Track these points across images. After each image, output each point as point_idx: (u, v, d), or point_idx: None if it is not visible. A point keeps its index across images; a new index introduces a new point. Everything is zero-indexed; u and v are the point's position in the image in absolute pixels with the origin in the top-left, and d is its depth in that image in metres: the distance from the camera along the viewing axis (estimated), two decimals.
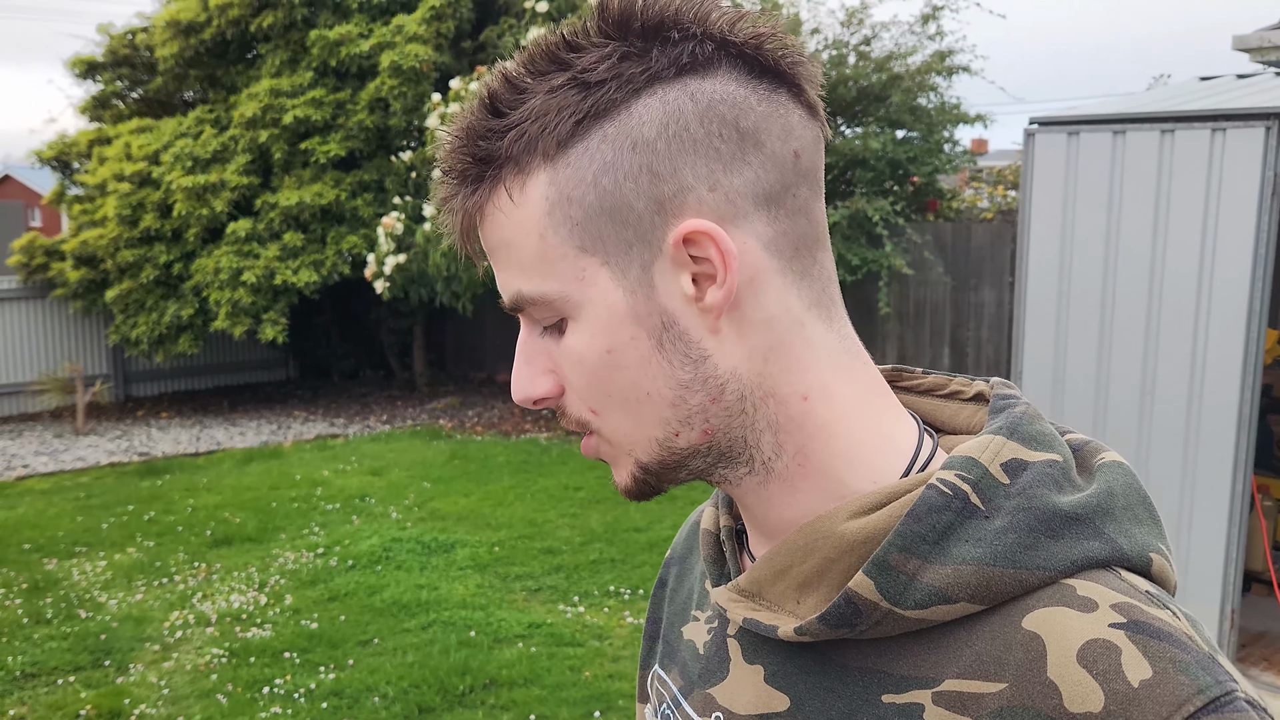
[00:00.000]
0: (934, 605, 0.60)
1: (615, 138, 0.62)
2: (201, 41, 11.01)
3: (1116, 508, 0.63)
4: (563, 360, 0.66)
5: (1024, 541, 0.60)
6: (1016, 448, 0.64)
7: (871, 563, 0.61)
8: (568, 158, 0.62)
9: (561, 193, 0.63)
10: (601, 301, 0.64)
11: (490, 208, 0.65)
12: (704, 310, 0.63)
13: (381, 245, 9.56)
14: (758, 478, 0.68)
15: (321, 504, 7.27)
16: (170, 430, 10.56)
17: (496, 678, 4.45)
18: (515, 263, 0.65)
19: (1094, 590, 0.59)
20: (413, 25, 10.18)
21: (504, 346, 12.82)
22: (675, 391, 0.64)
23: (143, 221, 10.57)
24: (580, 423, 0.68)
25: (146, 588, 5.71)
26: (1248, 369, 4.31)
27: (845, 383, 0.67)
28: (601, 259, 0.63)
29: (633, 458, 0.67)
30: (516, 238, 0.64)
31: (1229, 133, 4.20)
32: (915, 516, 0.61)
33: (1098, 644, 0.56)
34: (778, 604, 0.68)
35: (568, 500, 7.15)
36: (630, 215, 0.63)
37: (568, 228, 0.63)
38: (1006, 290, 8.86)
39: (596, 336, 0.64)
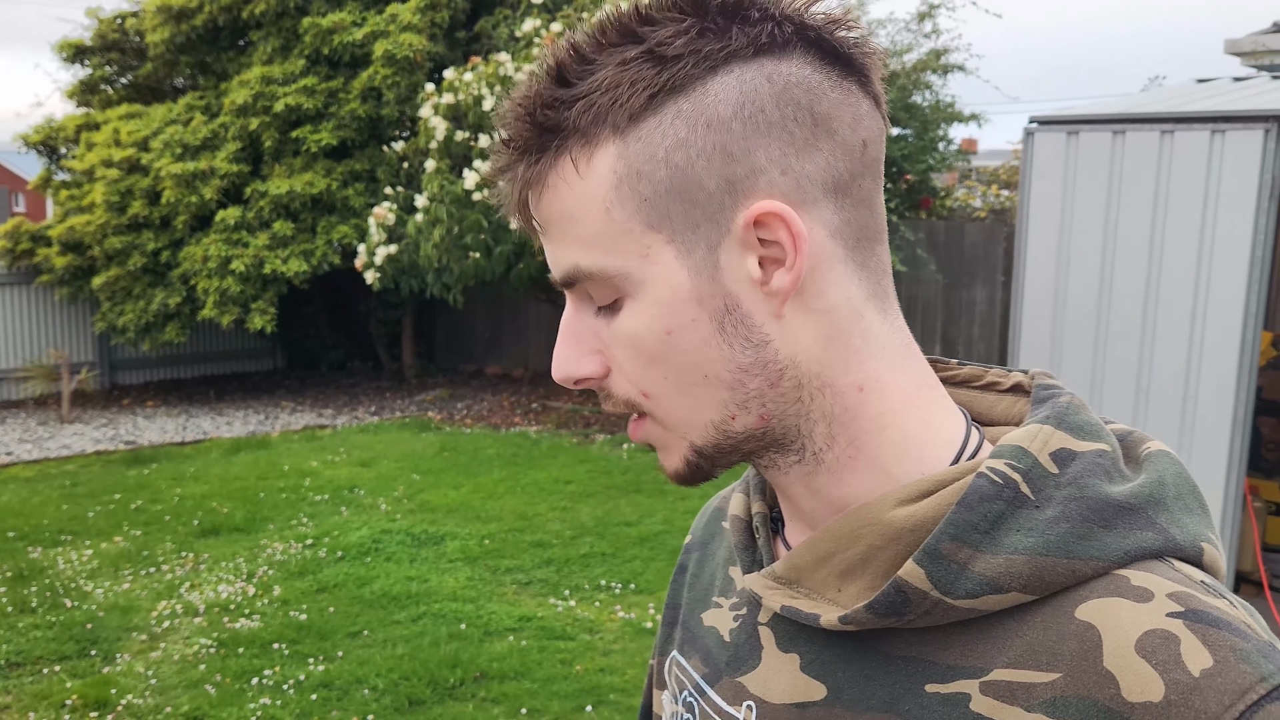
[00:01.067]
0: (985, 595, 0.59)
1: (690, 114, 0.61)
2: (193, 27, 10.93)
3: (1168, 497, 0.63)
4: (616, 341, 0.65)
5: (1077, 531, 0.59)
6: (1065, 437, 0.63)
7: (923, 551, 0.60)
8: (639, 131, 0.61)
9: (631, 167, 0.61)
10: (664, 281, 0.62)
11: (553, 179, 0.63)
12: (769, 294, 0.63)
13: (372, 235, 9.50)
14: (807, 467, 0.67)
15: (310, 495, 7.23)
16: (156, 419, 10.48)
17: (487, 670, 4.43)
18: (575, 236, 0.63)
19: (1149, 580, 0.58)
20: (407, 14, 10.13)
21: (494, 339, 12.78)
22: (734, 375, 0.63)
23: (131, 208, 10.48)
24: (629, 404, 0.66)
25: (133, 577, 5.67)
26: (1242, 371, 4.32)
27: (899, 375, 0.67)
28: (667, 237, 0.62)
29: (687, 441, 0.66)
30: (579, 211, 0.63)
31: (1228, 134, 4.20)
32: (967, 505, 0.60)
33: (1156, 634, 0.55)
34: (817, 591, 0.67)
35: (558, 493, 7.13)
36: (700, 194, 0.62)
37: (635, 203, 0.62)
38: (999, 289, 8.87)
39: (657, 317, 0.63)
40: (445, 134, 9.24)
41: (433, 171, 9.21)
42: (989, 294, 8.98)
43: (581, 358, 0.66)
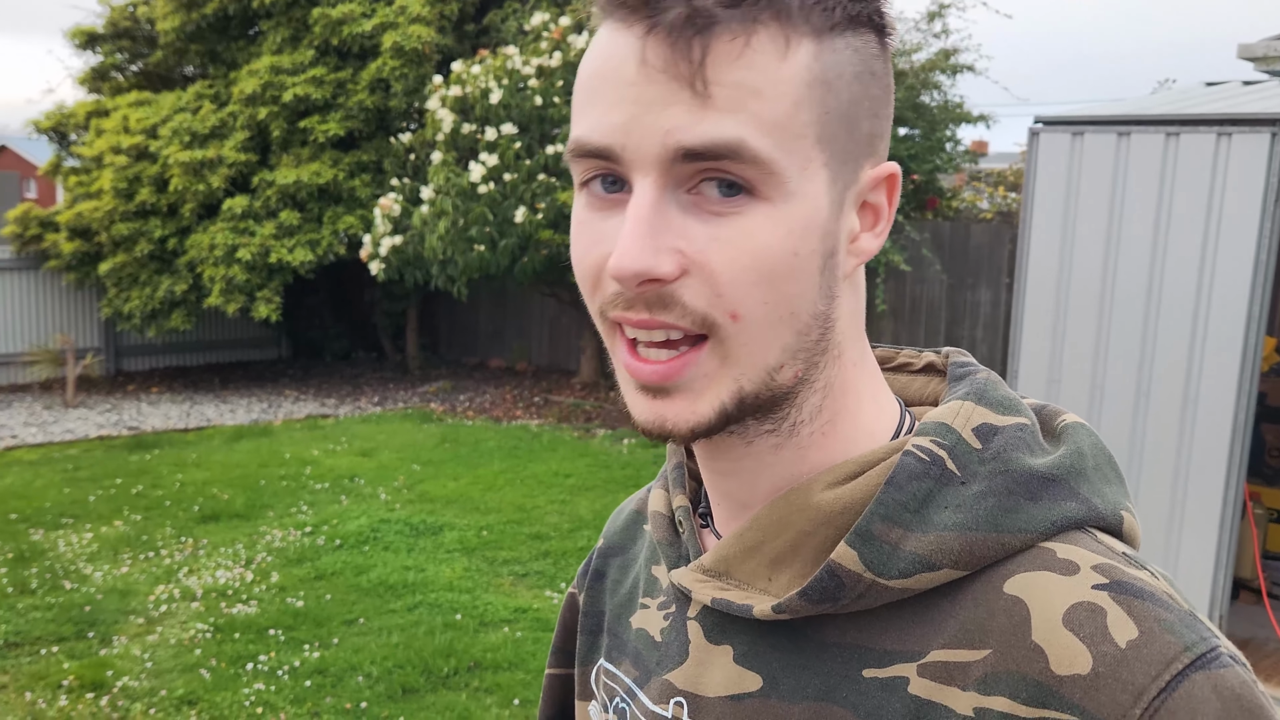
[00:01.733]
0: (918, 574, 0.59)
1: (863, 54, 0.61)
2: (203, 16, 10.95)
3: (1088, 468, 0.63)
4: (723, 244, 0.57)
5: (1003, 505, 0.59)
6: (985, 413, 0.64)
7: (854, 533, 0.60)
8: (835, 44, 0.59)
9: (825, 74, 0.58)
10: (811, 201, 0.58)
11: (760, 42, 0.56)
12: (852, 253, 0.63)
13: (378, 226, 9.51)
14: (778, 439, 0.64)
15: (310, 483, 7.24)
16: (160, 405, 10.51)
17: (481, 661, 4.44)
18: (753, 112, 0.56)
19: (1074, 553, 0.58)
20: (416, 6, 10.13)
21: (497, 332, 12.79)
22: (808, 320, 0.60)
23: (139, 195, 10.51)
24: (706, 322, 0.58)
25: (132, 561, 5.68)
26: (1244, 376, 4.31)
27: (867, 355, 0.68)
28: (826, 159, 0.59)
29: (738, 384, 0.59)
30: (771, 90, 0.56)
31: (1234, 137, 4.18)
32: (896, 484, 0.60)
33: (1083, 606, 0.55)
34: (748, 582, 0.65)
35: (557, 486, 7.14)
36: (857, 132, 0.61)
37: (818, 111, 0.58)
38: (1003, 291, 8.85)
39: (792, 234, 0.58)
40: (452, 126, 9.24)
41: (439, 164, 9.21)
42: (993, 295, 8.96)
43: (660, 252, 0.56)
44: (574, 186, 0.63)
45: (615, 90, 0.57)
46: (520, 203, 8.91)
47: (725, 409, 0.60)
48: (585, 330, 10.86)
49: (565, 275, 9.49)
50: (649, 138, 0.56)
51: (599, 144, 0.58)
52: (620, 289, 0.58)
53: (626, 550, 0.86)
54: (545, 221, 8.84)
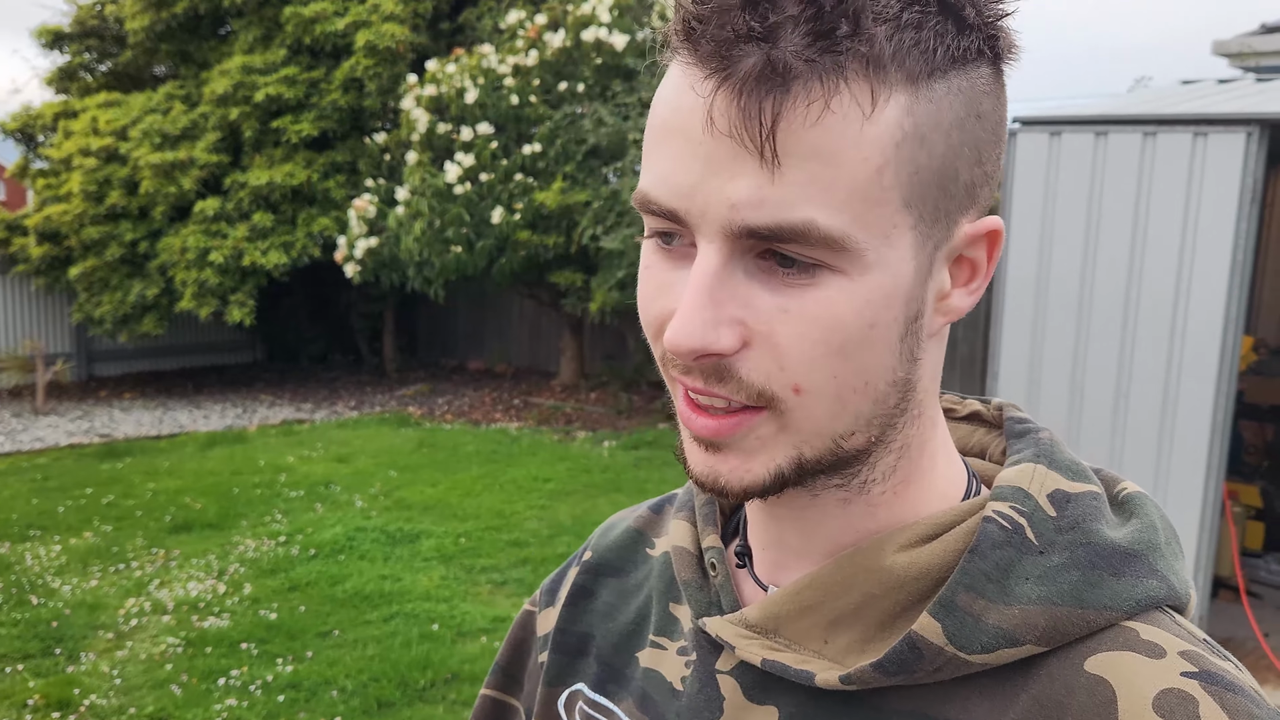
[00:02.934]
0: (1000, 649, 0.55)
1: (969, 95, 0.54)
2: (173, 15, 10.81)
3: (1161, 543, 0.60)
4: (792, 316, 0.53)
5: (1088, 579, 0.56)
6: (1058, 478, 0.60)
7: (938, 603, 0.56)
8: (931, 92, 0.52)
9: (917, 130, 0.52)
10: (894, 269, 0.53)
11: (839, 103, 0.50)
12: (940, 311, 0.58)
13: (353, 228, 9.42)
14: (845, 494, 0.60)
15: (285, 491, 7.15)
16: (133, 412, 10.37)
17: (459, 672, 4.37)
18: (825, 185, 0.50)
19: (1158, 635, 0.56)
20: (389, 4, 10.04)
21: (476, 334, 12.71)
22: (886, 388, 0.56)
23: (109, 198, 10.36)
24: (764, 395, 0.54)
25: (102, 574, 5.58)
26: (1222, 374, 4.30)
27: (940, 413, 0.64)
28: (914, 221, 0.53)
29: (798, 451, 0.56)
30: (849, 156, 0.50)
31: (1210, 137, 4.17)
32: (980, 553, 0.56)
33: (1173, 693, 0.52)
34: (799, 643, 0.61)
35: (536, 492, 7.07)
36: (954, 186, 0.54)
37: (908, 172, 0.52)
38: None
39: (871, 306, 0.53)
40: (427, 126, 9.16)
41: (414, 164, 9.13)
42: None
43: (721, 325, 0.53)
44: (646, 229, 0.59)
45: (682, 146, 0.53)
46: (497, 203, 8.84)
47: (781, 473, 0.56)
48: (565, 331, 10.80)
49: (544, 276, 9.43)
50: (713, 208, 0.52)
51: (664, 205, 0.54)
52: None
53: (624, 573, 0.79)
54: (523, 222, 8.77)
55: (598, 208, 8.49)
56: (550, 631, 0.80)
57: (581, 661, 0.77)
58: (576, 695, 0.76)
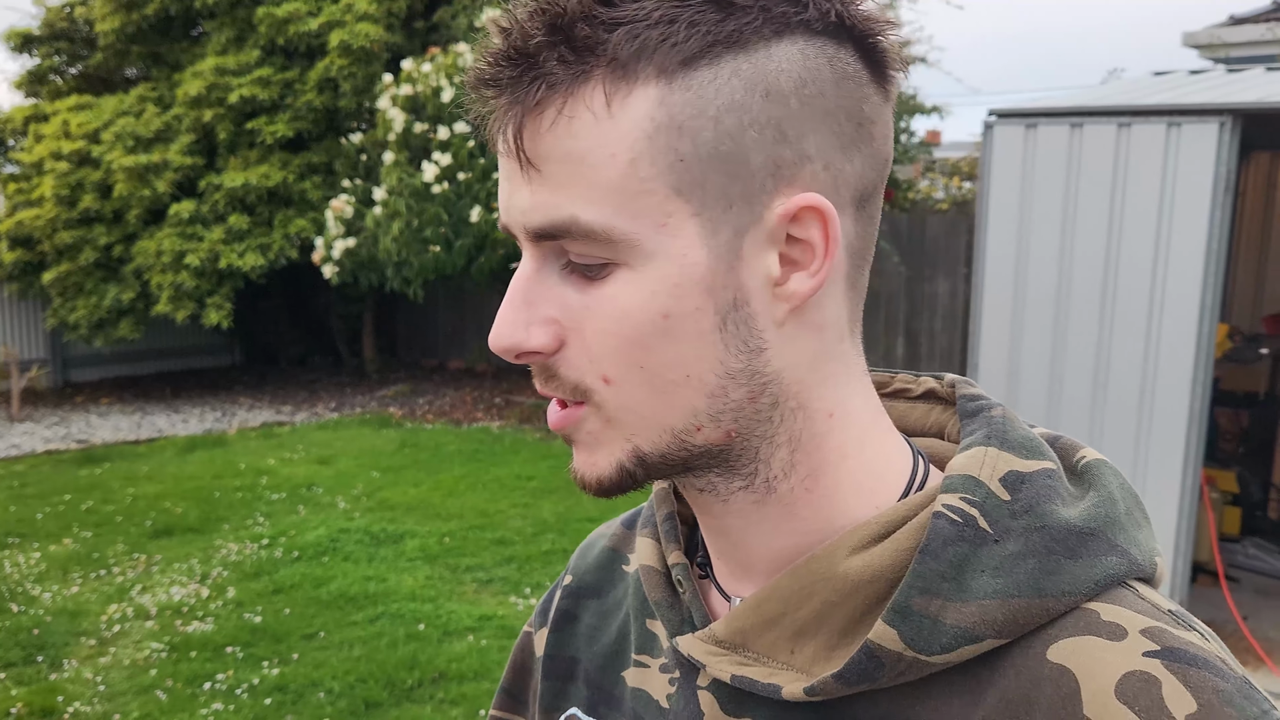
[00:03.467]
0: (960, 647, 0.55)
1: (749, 77, 0.54)
2: (144, 17, 10.71)
3: (1120, 514, 0.59)
4: (592, 313, 0.56)
5: (1044, 566, 0.55)
6: (1010, 459, 0.59)
7: (892, 610, 0.56)
8: (689, 81, 0.53)
9: (672, 119, 0.53)
10: (678, 258, 0.54)
11: (573, 109, 0.53)
12: (779, 297, 0.57)
13: (330, 229, 9.37)
14: (754, 495, 0.61)
15: (266, 493, 7.11)
16: (110, 417, 10.29)
17: (446, 671, 4.36)
18: (581, 182, 0.54)
19: (1119, 614, 0.55)
20: (363, 4, 9.98)
21: (455, 334, 12.67)
22: (719, 380, 0.57)
23: (82, 202, 10.26)
24: (578, 390, 0.58)
25: (83, 580, 5.54)
26: (1199, 362, 4.34)
27: (861, 403, 0.62)
28: (695, 209, 0.54)
29: (631, 444, 0.58)
30: (596, 155, 0.53)
31: (1184, 127, 4.21)
32: (931, 552, 0.56)
33: (1135, 676, 0.52)
34: (768, 655, 0.61)
35: (520, 490, 7.07)
36: (743, 169, 0.54)
37: (668, 161, 0.53)
38: (961, 281, 8.90)
39: (657, 296, 0.55)
40: (404, 126, 9.12)
41: (391, 164, 9.09)
42: (951, 286, 9.01)
43: (532, 325, 0.57)
44: None
45: (501, 170, 0.58)
46: (475, 202, 8.82)
47: (624, 467, 0.59)
48: None
49: None
50: (514, 219, 0.57)
51: (502, 221, 0.60)
52: None
53: (603, 593, 0.80)
54: None
55: None
56: (544, 657, 0.81)
57: (572, 686, 0.78)
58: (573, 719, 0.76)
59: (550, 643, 0.80)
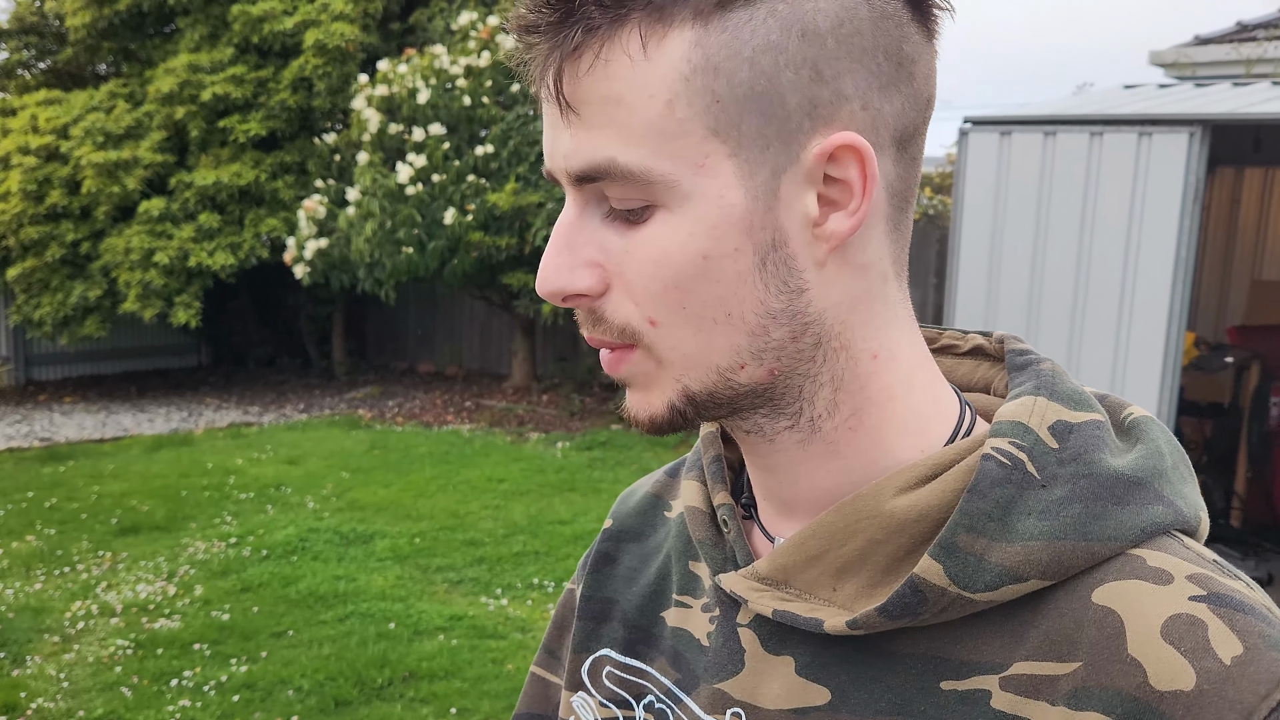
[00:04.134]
0: (1005, 585, 0.56)
1: (785, 17, 0.54)
2: (116, 12, 10.60)
3: (1167, 467, 0.60)
4: (633, 255, 0.57)
5: (1091, 511, 0.56)
6: (1059, 409, 0.60)
7: (938, 545, 0.56)
8: (725, 22, 0.54)
9: (708, 60, 0.54)
10: (716, 198, 0.55)
11: (610, 52, 0.54)
12: (818, 237, 0.57)
13: (302, 229, 9.31)
14: (800, 434, 0.61)
15: (234, 493, 7.04)
16: (74, 415, 10.15)
17: (416, 670, 4.34)
18: (620, 125, 0.54)
19: (1165, 560, 0.55)
20: (339, 4, 9.95)
21: (426, 336, 12.61)
22: (760, 319, 0.57)
23: (49, 198, 10.12)
24: (625, 332, 0.59)
25: (46, 577, 5.45)
26: (1166, 370, 4.41)
27: (908, 346, 0.63)
28: (731, 149, 0.55)
29: (681, 384, 0.59)
30: (634, 96, 0.54)
31: (1155, 136, 4.28)
32: (979, 492, 0.56)
33: (1182, 619, 0.52)
34: (810, 591, 0.62)
35: (491, 492, 7.04)
36: (780, 109, 0.55)
37: (705, 102, 0.54)
38: (931, 291, 8.99)
39: (696, 237, 0.55)
40: (378, 126, 9.09)
41: (365, 164, 9.05)
42: (921, 295, 9.09)
43: (577, 268, 0.58)
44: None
45: (545, 117, 0.59)
46: (449, 204, 8.80)
47: (677, 405, 0.60)
48: (517, 333, 10.77)
49: (496, 277, 9.40)
50: (556, 163, 0.58)
51: (547, 169, 0.61)
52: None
53: (644, 537, 0.81)
54: (475, 223, 8.74)
55: (551, 209, 8.49)
56: (580, 600, 0.81)
57: (606, 627, 0.78)
58: (602, 661, 0.76)
59: (588, 584, 0.81)
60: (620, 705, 0.74)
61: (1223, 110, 4.37)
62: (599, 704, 0.75)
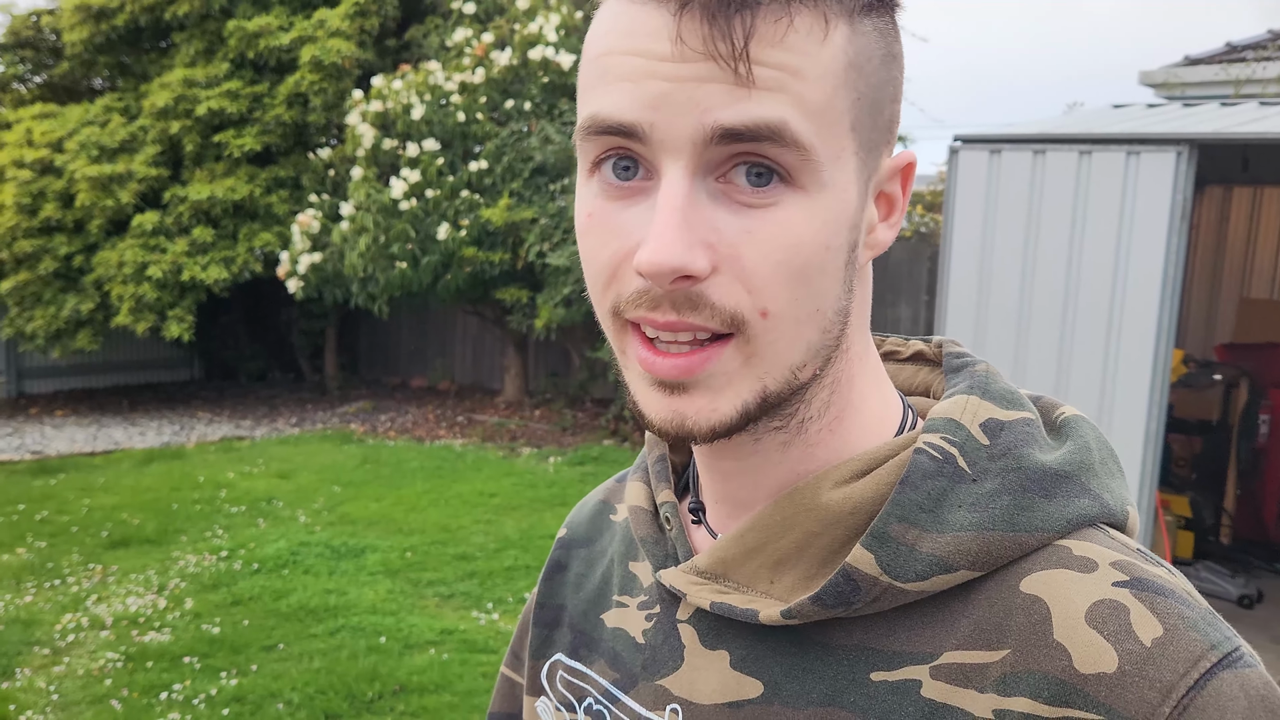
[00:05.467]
0: (935, 575, 0.57)
1: (887, 35, 0.58)
2: (113, 27, 10.64)
3: (1095, 462, 0.62)
4: (755, 237, 0.54)
5: (1019, 503, 0.58)
6: (990, 407, 0.62)
7: (870, 535, 0.58)
8: (863, 27, 0.56)
9: (855, 59, 0.55)
10: (842, 191, 0.56)
11: (803, 23, 0.53)
12: (868, 244, 0.60)
13: (296, 243, 9.33)
14: (785, 435, 0.62)
15: (226, 506, 7.03)
16: (66, 429, 10.12)
17: (407, 684, 4.33)
18: (794, 94, 0.53)
19: (1090, 549, 0.57)
20: (336, 20, 9.99)
21: (419, 351, 12.62)
22: (832, 318, 0.58)
23: (43, 211, 10.13)
24: (734, 320, 0.55)
25: (36, 589, 5.44)
26: (1154, 387, 4.44)
27: (871, 347, 0.66)
28: (855, 147, 0.56)
29: (762, 383, 0.57)
30: (812, 73, 0.53)
31: (1143, 156, 4.33)
32: (911, 484, 0.58)
33: (1105, 604, 0.54)
34: (748, 584, 0.63)
35: (482, 506, 7.04)
36: (880, 119, 0.58)
37: (853, 97, 0.55)
38: (922, 308, 9.03)
39: (826, 227, 0.55)
40: (373, 142, 9.13)
41: (359, 179, 9.08)
42: (913, 312, 9.13)
43: (694, 247, 0.53)
44: (580, 173, 0.58)
45: (644, 66, 0.53)
46: (443, 219, 8.82)
47: (748, 408, 0.57)
48: (509, 348, 10.78)
49: (489, 292, 9.42)
50: (683, 115, 0.52)
51: (623, 120, 0.54)
52: (645, 286, 0.55)
53: (592, 542, 0.82)
54: (469, 238, 8.76)
55: (544, 225, 8.52)
56: (534, 607, 0.83)
57: (558, 632, 0.79)
58: (556, 665, 0.78)
59: (541, 591, 0.83)
60: (569, 709, 0.75)
61: (1210, 130, 4.41)
62: (554, 708, 0.76)
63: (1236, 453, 5.78)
